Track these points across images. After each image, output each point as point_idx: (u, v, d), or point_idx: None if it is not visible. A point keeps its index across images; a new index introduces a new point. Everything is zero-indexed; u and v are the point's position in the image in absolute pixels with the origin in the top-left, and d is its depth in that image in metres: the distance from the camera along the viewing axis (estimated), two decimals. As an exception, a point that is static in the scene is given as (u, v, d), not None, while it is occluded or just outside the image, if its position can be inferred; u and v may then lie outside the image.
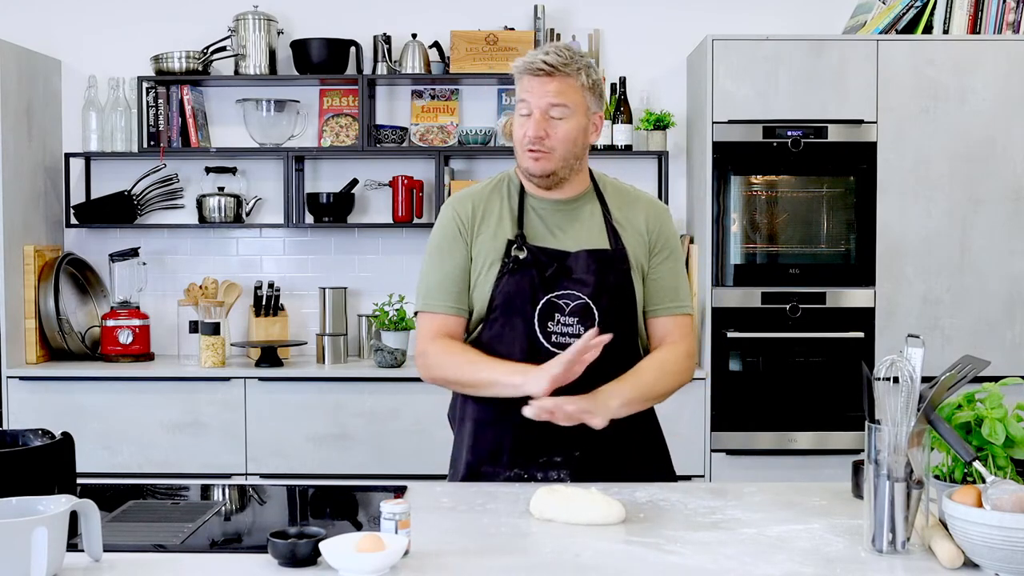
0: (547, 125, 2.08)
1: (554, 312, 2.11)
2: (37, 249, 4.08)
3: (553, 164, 2.10)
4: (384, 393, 3.90)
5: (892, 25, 3.95)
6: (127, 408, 3.90)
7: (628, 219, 2.20)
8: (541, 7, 4.26)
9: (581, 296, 2.11)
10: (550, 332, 2.11)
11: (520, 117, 2.11)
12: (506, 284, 2.12)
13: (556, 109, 2.07)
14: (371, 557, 1.50)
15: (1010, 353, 3.85)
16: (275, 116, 4.27)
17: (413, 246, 4.39)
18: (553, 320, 2.11)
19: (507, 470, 2.14)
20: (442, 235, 2.20)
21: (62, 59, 4.39)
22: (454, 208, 2.21)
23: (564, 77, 2.07)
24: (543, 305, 2.11)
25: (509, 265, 2.12)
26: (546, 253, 2.13)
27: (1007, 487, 1.53)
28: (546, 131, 2.08)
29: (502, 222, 2.17)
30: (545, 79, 2.06)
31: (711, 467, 3.88)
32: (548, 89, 2.07)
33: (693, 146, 4.23)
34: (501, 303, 2.13)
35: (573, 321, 2.11)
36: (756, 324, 3.87)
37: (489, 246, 2.15)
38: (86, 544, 1.55)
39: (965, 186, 3.88)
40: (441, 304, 2.16)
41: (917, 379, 1.62)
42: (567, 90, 2.08)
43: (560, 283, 2.12)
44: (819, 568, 1.56)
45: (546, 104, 2.07)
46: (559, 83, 2.07)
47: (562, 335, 2.10)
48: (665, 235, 2.22)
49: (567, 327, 2.11)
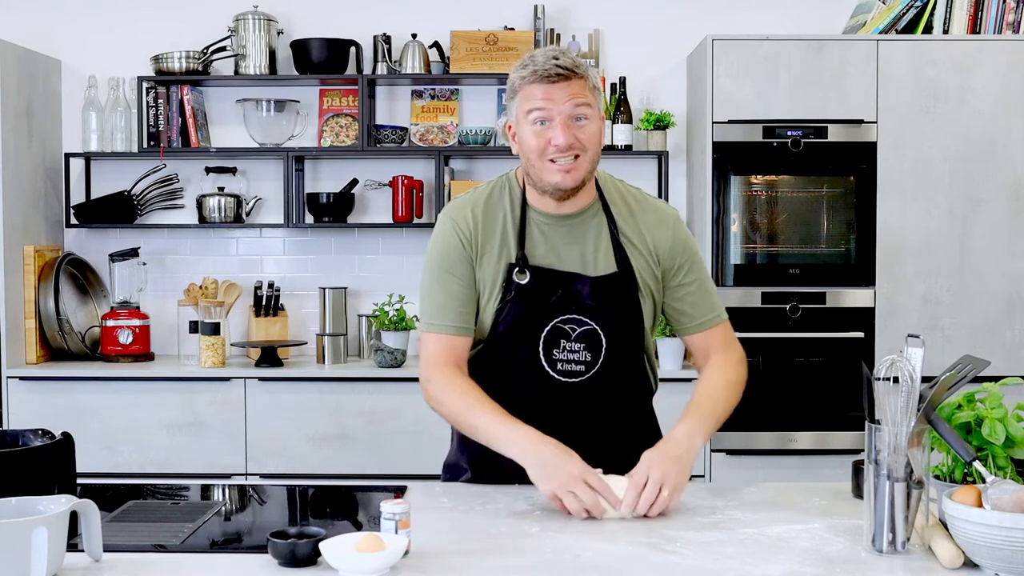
0: (575, 130, 1.97)
1: (559, 339, 2.03)
2: (37, 249, 4.07)
3: (583, 173, 1.99)
4: (384, 393, 3.90)
5: (892, 25, 3.95)
6: (127, 408, 3.90)
7: (637, 234, 2.08)
8: (541, 7, 4.26)
9: (588, 322, 2.03)
10: (555, 360, 2.03)
11: (534, 128, 1.98)
12: (509, 312, 2.03)
13: (581, 109, 1.96)
14: (371, 557, 1.50)
15: (1010, 353, 3.85)
16: (275, 116, 4.27)
17: (413, 246, 4.39)
18: (559, 347, 2.03)
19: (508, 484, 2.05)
20: (444, 250, 2.08)
21: (62, 59, 4.39)
22: (453, 220, 2.08)
23: (580, 79, 1.97)
24: (548, 331, 2.03)
25: (512, 292, 2.03)
26: (550, 276, 2.04)
27: (1007, 487, 1.53)
28: (574, 135, 1.96)
29: (504, 239, 2.06)
30: (563, 83, 1.95)
31: (711, 467, 3.88)
32: (567, 93, 1.95)
33: (693, 146, 4.23)
34: (504, 331, 2.04)
35: (579, 348, 2.03)
36: (756, 324, 3.87)
37: (493, 268, 2.05)
38: (86, 544, 1.55)
39: (965, 186, 3.88)
40: (447, 325, 2.06)
41: (917, 379, 1.62)
42: (586, 92, 1.97)
43: (565, 308, 2.03)
44: (819, 568, 1.56)
45: (570, 108, 1.96)
46: (577, 86, 1.96)
47: (568, 362, 2.03)
48: (680, 247, 2.10)
49: (573, 354, 2.03)
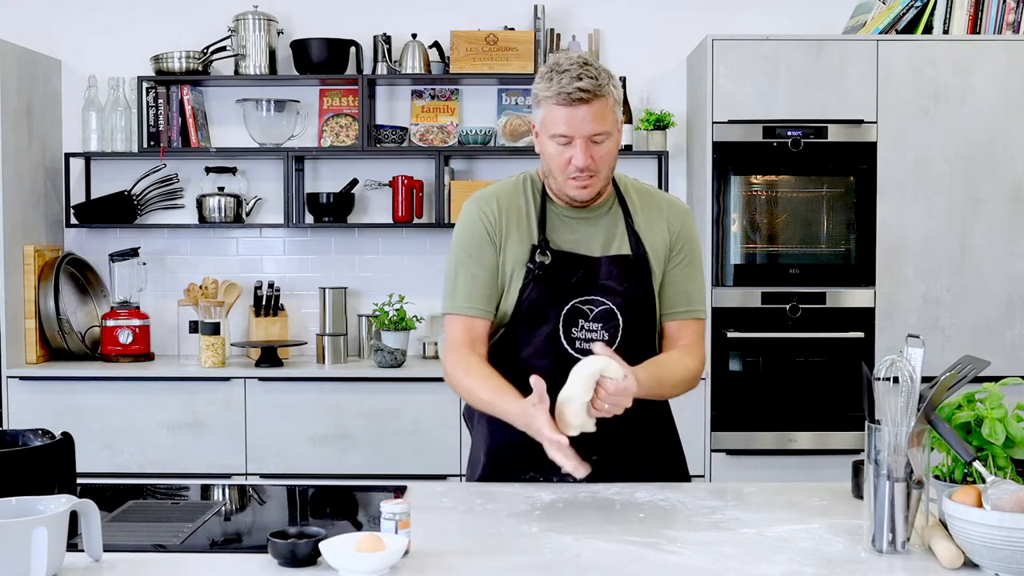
0: (592, 151, 2.01)
1: (578, 318, 2.10)
2: (37, 249, 4.07)
3: (598, 186, 2.07)
4: (384, 393, 3.90)
5: (892, 25, 3.95)
6: (127, 408, 3.90)
7: (650, 223, 2.16)
8: (541, 7, 4.26)
9: (605, 302, 2.10)
10: (574, 338, 2.09)
11: (556, 145, 2.03)
12: (532, 290, 2.10)
13: (601, 133, 2.00)
14: (371, 557, 1.50)
15: (1010, 353, 3.85)
16: (275, 116, 4.27)
17: (413, 246, 4.39)
18: (577, 326, 2.10)
19: (525, 471, 2.10)
20: (469, 235, 2.14)
21: (62, 59, 4.38)
22: (480, 208, 2.15)
23: (600, 100, 1.98)
24: (568, 310, 2.10)
25: (535, 271, 2.09)
26: (571, 258, 2.11)
27: (1007, 487, 1.53)
28: (592, 157, 2.01)
29: (528, 225, 2.13)
30: (582, 107, 1.97)
31: (711, 467, 3.88)
32: (588, 116, 1.98)
33: (693, 146, 4.23)
34: (527, 309, 2.11)
35: (597, 327, 2.10)
36: (756, 324, 3.87)
37: (516, 250, 2.12)
38: (86, 544, 1.55)
39: (965, 186, 3.88)
40: (469, 307, 2.12)
41: (917, 379, 1.62)
42: (605, 113, 2.00)
43: (585, 288, 2.10)
44: (819, 568, 1.57)
45: (589, 131, 1.99)
46: (597, 108, 1.98)
47: (586, 340, 2.08)
48: (684, 237, 2.18)
49: (591, 332, 2.10)
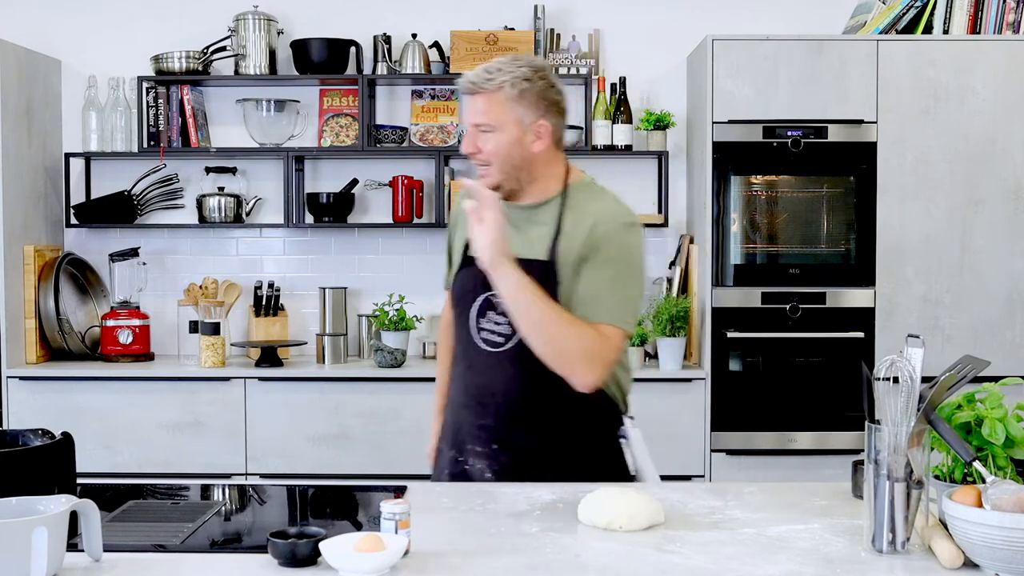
0: (478, 140, 2.13)
1: (488, 310, 2.17)
2: (37, 249, 4.08)
3: (493, 178, 2.14)
4: (384, 393, 3.90)
5: (892, 25, 3.95)
6: (127, 408, 3.90)
7: (575, 225, 2.12)
8: (541, 7, 4.26)
9: None
10: (481, 327, 2.18)
11: None
12: (461, 277, 2.23)
13: (483, 127, 2.12)
14: (371, 557, 1.50)
15: (1010, 353, 3.85)
16: (275, 116, 4.27)
17: (413, 246, 4.39)
18: (486, 317, 2.18)
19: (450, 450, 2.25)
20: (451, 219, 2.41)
21: (62, 59, 4.39)
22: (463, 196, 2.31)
23: (487, 94, 2.11)
24: (482, 301, 2.17)
25: (464, 263, 2.22)
26: None
27: (1007, 487, 1.53)
28: (476, 146, 2.13)
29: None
30: (470, 97, 2.13)
31: (711, 467, 3.87)
32: (474, 108, 2.13)
33: (693, 146, 4.23)
34: (457, 295, 2.25)
35: (503, 320, 2.14)
36: (756, 324, 3.87)
37: (460, 242, 2.26)
38: (86, 544, 1.55)
39: (965, 186, 3.88)
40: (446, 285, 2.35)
41: (917, 379, 1.62)
42: (491, 107, 2.10)
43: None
44: (819, 568, 1.56)
45: (472, 120, 2.14)
46: (483, 101, 2.11)
47: (491, 332, 2.17)
48: (605, 242, 2.10)
49: (497, 325, 2.16)
